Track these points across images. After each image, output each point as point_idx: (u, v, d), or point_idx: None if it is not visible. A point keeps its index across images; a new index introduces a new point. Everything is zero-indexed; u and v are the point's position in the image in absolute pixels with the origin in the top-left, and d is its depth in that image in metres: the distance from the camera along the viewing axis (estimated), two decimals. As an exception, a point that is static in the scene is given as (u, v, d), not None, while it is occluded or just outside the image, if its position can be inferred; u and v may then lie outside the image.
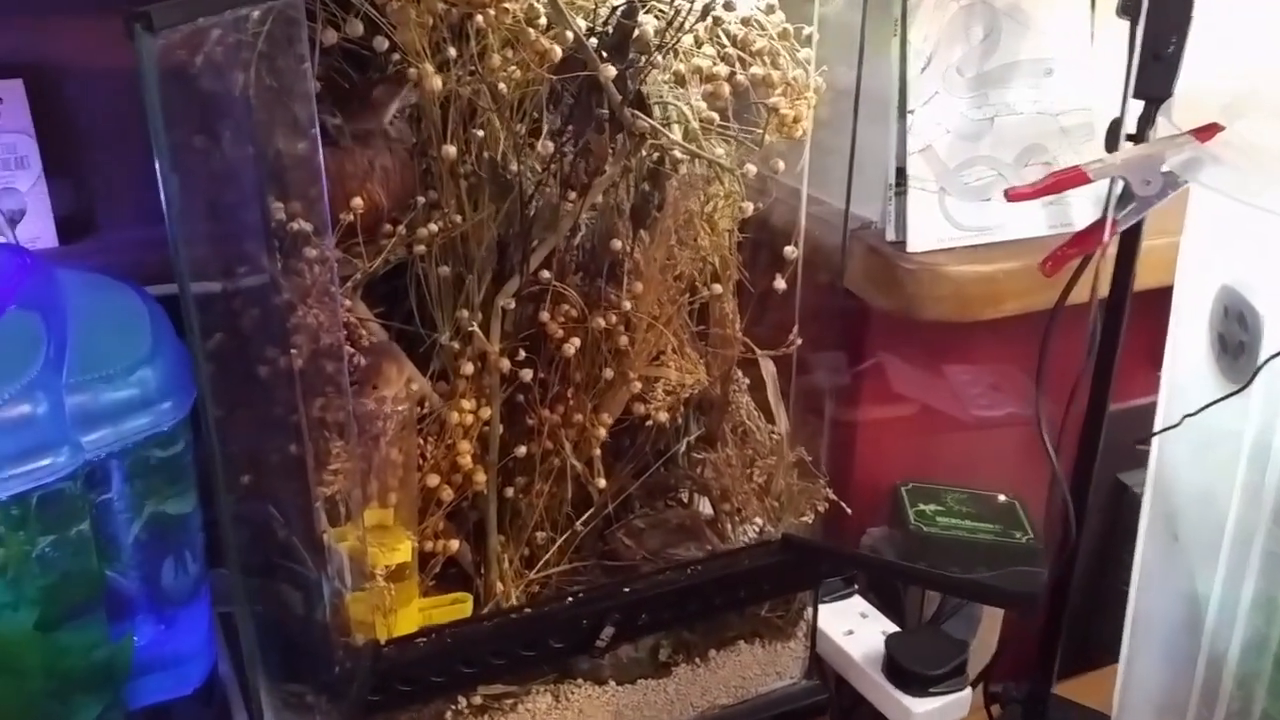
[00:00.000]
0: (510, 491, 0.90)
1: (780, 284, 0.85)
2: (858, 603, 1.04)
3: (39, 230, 1.08)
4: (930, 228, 1.01)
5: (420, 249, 0.88)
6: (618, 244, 0.82)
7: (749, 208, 0.83)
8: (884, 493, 1.23)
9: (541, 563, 0.93)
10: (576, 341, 0.84)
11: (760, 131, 0.78)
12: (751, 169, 0.81)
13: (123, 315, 0.85)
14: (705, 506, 1.06)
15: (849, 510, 0.90)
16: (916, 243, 1.01)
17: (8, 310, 0.79)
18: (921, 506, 1.18)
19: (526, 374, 0.84)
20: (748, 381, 0.96)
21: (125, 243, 1.11)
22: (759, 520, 0.95)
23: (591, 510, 0.95)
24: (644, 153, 0.81)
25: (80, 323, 0.81)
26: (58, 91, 1.07)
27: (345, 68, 0.92)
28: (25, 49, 1.05)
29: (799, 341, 0.85)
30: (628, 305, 0.84)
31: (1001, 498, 1.21)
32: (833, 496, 0.89)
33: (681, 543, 1.05)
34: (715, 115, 0.81)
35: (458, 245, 0.90)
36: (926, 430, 1.21)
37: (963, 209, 1.02)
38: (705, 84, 0.77)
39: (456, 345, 0.86)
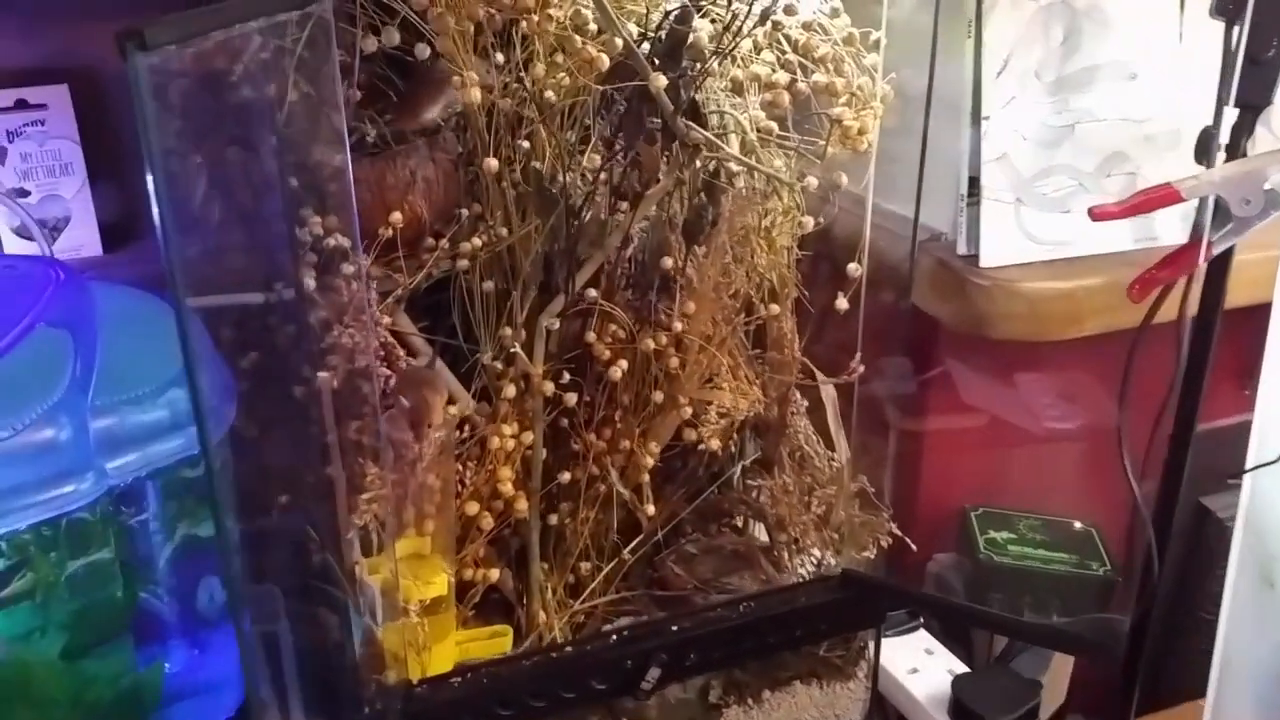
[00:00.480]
0: (554, 518, 0.85)
1: (842, 304, 0.79)
2: (923, 637, 0.98)
3: (83, 238, 1.06)
4: (1005, 241, 0.94)
5: (463, 264, 0.84)
6: (669, 261, 0.77)
7: (809, 223, 0.77)
8: (950, 516, 1.16)
9: (587, 593, 0.89)
10: (624, 364, 0.79)
11: (822, 143, 0.72)
12: (812, 182, 0.76)
13: (156, 331, 0.81)
14: (760, 532, 1.00)
15: (914, 547, 0.84)
16: (990, 257, 0.94)
17: (37, 327, 0.76)
18: (992, 533, 1.11)
19: (571, 398, 0.79)
20: (806, 403, 0.91)
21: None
22: (817, 551, 0.89)
23: (640, 538, 0.90)
24: (698, 165, 0.76)
25: (111, 340, 0.78)
26: (103, 97, 1.04)
27: (389, 74, 0.88)
28: (69, 53, 1.02)
29: (860, 369, 0.79)
30: (679, 326, 0.78)
31: (1078, 524, 1.14)
32: (896, 531, 0.83)
33: (735, 571, 0.99)
34: (774, 125, 0.76)
35: (502, 259, 0.86)
36: (997, 452, 1.14)
37: (1040, 221, 0.95)
38: (764, 92, 0.71)
39: (499, 365, 0.82)
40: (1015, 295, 0.93)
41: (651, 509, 0.86)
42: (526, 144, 0.78)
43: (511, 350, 0.77)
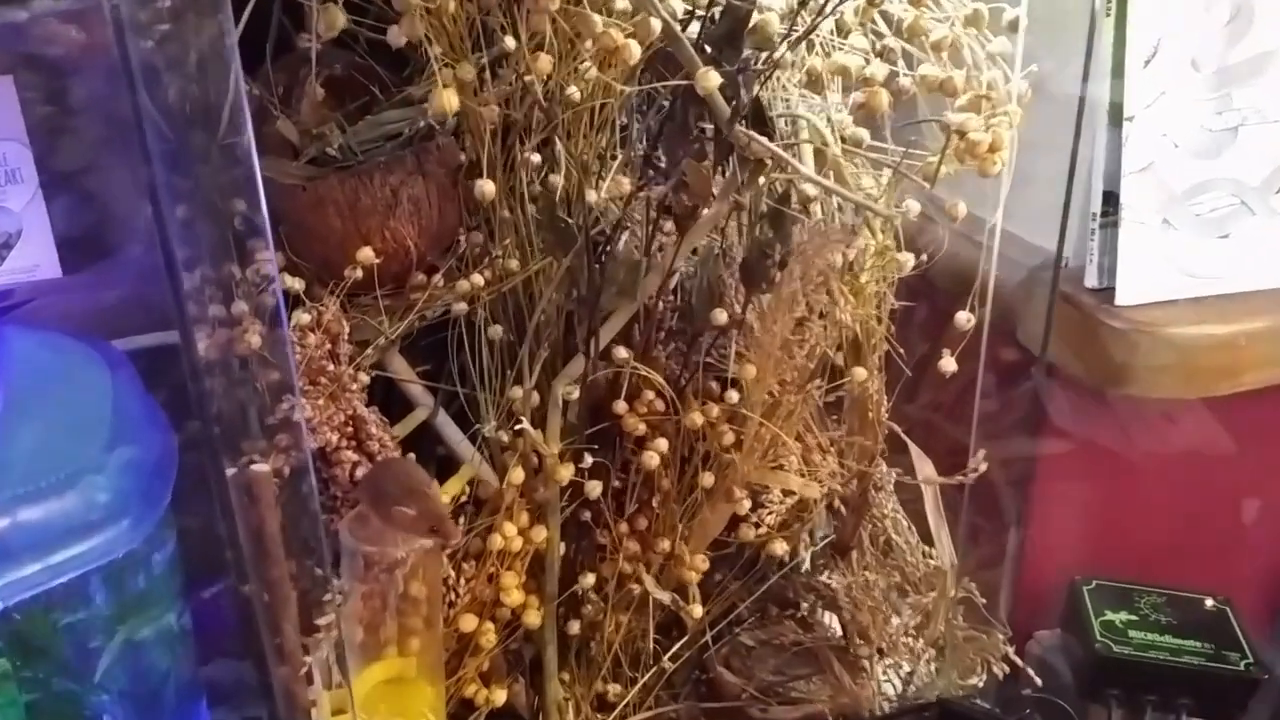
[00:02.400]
0: (575, 625, 0.66)
1: (949, 365, 0.59)
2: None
3: (37, 257, 0.87)
4: (1148, 273, 0.73)
5: (462, 306, 0.64)
6: (723, 315, 0.56)
7: (907, 263, 0.57)
8: (1053, 586, 0.95)
9: (618, 712, 0.70)
10: (663, 444, 0.59)
11: (931, 158, 0.52)
12: (914, 208, 0.55)
13: (75, 398, 0.63)
14: (833, 623, 0.80)
15: (1037, 679, 0.64)
16: (1130, 293, 0.73)
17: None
18: (1109, 614, 0.90)
19: (594, 488, 0.59)
20: (895, 475, 0.70)
21: (142, 269, 0.90)
22: (906, 664, 0.69)
23: (684, 640, 0.70)
24: (761, 185, 0.56)
25: (14, 413, 0.59)
26: (57, 90, 0.86)
27: (372, 63, 0.69)
28: (14, 38, 0.84)
29: (982, 466, 0.59)
30: (734, 396, 0.58)
31: (1209, 602, 0.92)
32: (1015, 659, 0.63)
33: (801, 673, 0.80)
34: (864, 134, 0.55)
35: (516, 299, 0.66)
36: (1113, 515, 0.92)
37: (1193, 248, 0.74)
38: (852, 90, 0.51)
39: (504, 437, 0.62)
40: (1162, 342, 0.72)
41: (699, 610, 0.67)
42: (537, 157, 0.58)
43: (517, 426, 0.57)
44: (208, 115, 0.52)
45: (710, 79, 0.47)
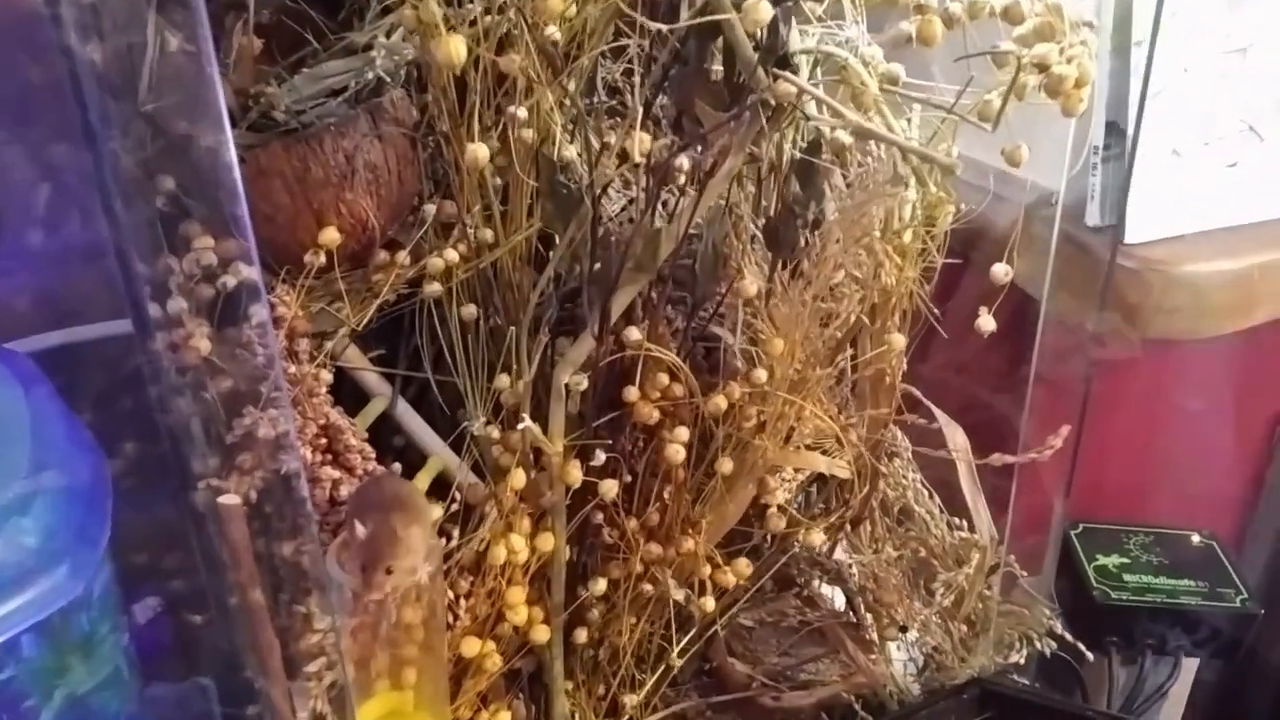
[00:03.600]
0: (583, 634, 0.59)
1: (988, 323, 0.52)
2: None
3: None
4: (1158, 209, 0.68)
5: (434, 288, 0.55)
6: (752, 286, 0.49)
7: (948, 216, 0.50)
8: (1037, 530, 0.91)
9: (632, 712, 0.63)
10: (683, 434, 0.52)
11: (993, 96, 0.44)
12: (953, 158, 0.48)
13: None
14: (838, 598, 0.75)
15: (1088, 655, 0.59)
16: (1139, 230, 0.68)
17: None
18: (1100, 559, 0.86)
19: (610, 487, 0.52)
20: (904, 442, 0.64)
21: (42, 258, 0.78)
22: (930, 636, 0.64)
23: (691, 634, 0.63)
24: (787, 135, 0.48)
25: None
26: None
27: (304, 7, 0.58)
28: None
29: (1064, 433, 0.53)
30: (762, 376, 0.51)
31: (1196, 538, 0.90)
32: (1065, 634, 0.58)
33: (809, 654, 0.74)
34: (899, 71, 0.48)
35: (493, 277, 0.57)
36: (1103, 457, 0.88)
37: (1201, 179, 0.69)
38: (912, 16, 0.43)
39: (495, 433, 0.54)
40: (1175, 281, 0.67)
41: (711, 603, 0.60)
42: (523, 112, 0.49)
43: (520, 424, 0.49)
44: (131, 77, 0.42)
45: (763, 10, 0.39)
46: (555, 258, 0.47)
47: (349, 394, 0.64)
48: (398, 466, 0.53)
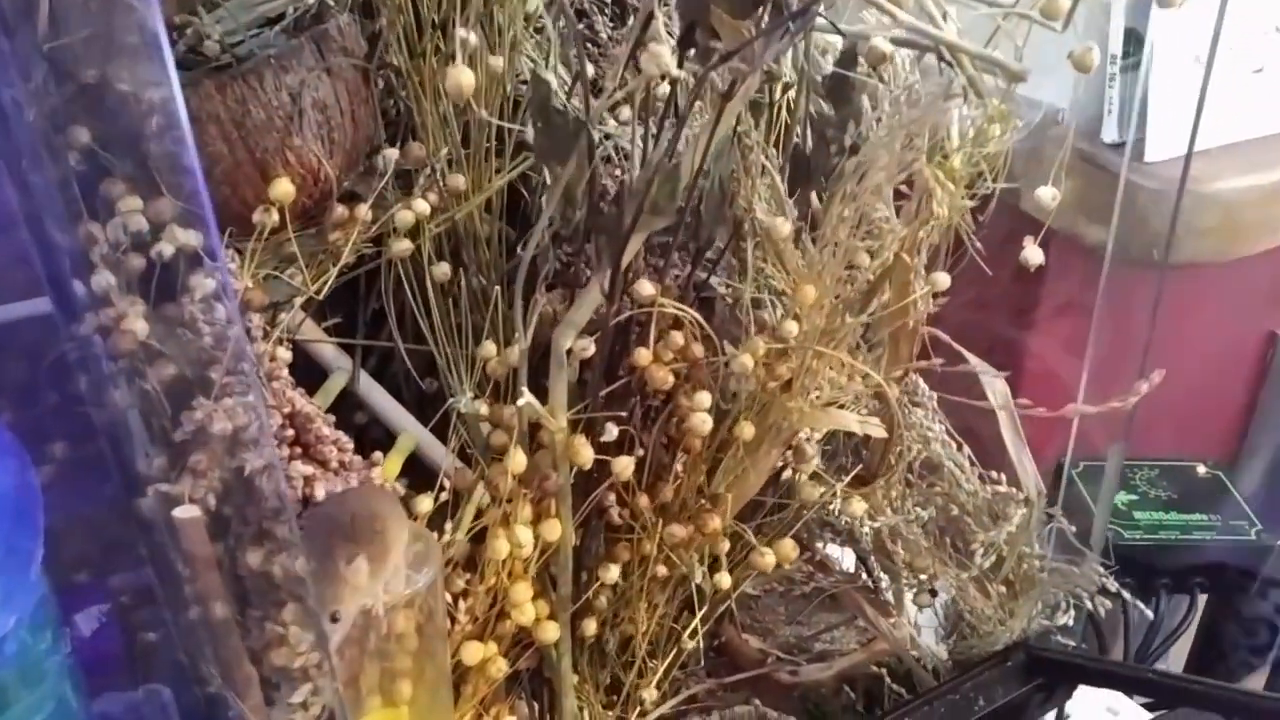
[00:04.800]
0: (591, 625, 0.52)
1: (1035, 254, 0.46)
2: (1102, 694, 0.68)
3: None
4: (1180, 121, 0.62)
5: (403, 246, 0.47)
6: (785, 226, 0.42)
7: (1007, 134, 0.43)
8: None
9: (641, 706, 0.56)
10: (705, 400, 0.45)
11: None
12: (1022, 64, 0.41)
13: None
14: (847, 560, 0.69)
15: (1149, 613, 0.54)
16: (1161, 146, 0.62)
17: None
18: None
19: (625, 467, 0.45)
20: (924, 388, 0.58)
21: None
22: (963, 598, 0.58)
23: (703, 612, 0.57)
24: (817, 46, 0.41)
25: None
26: None
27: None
28: None
29: (1156, 378, 0.47)
30: (793, 329, 0.44)
31: (1201, 469, 0.86)
32: (1119, 588, 0.53)
33: (822, 622, 0.68)
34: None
35: (464, 231, 0.50)
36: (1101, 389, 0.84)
37: (1225, 88, 0.63)
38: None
39: (484, 409, 0.47)
40: (1205, 201, 0.61)
41: (728, 580, 0.53)
42: (474, 38, 0.41)
43: (520, 399, 0.42)
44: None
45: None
46: (550, 201, 0.40)
47: (301, 370, 0.57)
48: (378, 456, 0.45)
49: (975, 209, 0.44)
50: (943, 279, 0.45)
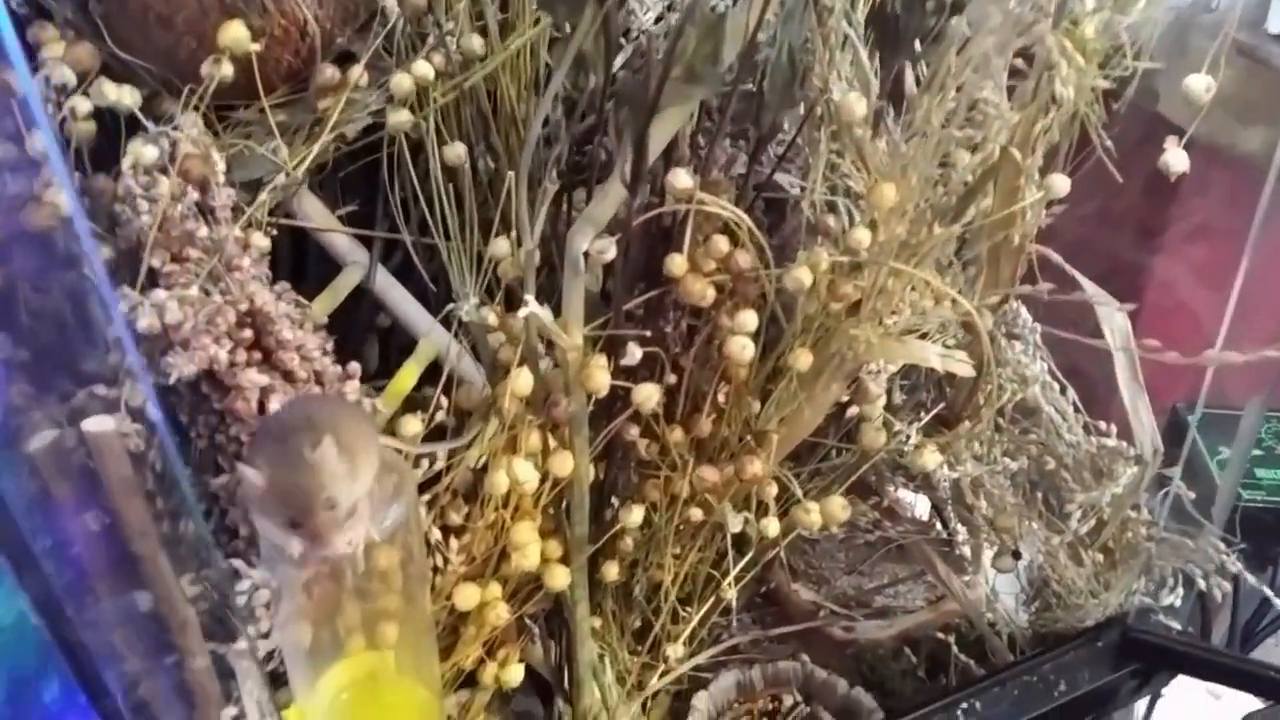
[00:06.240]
0: (614, 571, 0.45)
1: (1178, 160, 0.36)
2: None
3: None
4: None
5: (401, 117, 0.39)
6: (859, 104, 0.33)
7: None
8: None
9: (666, 663, 0.49)
10: (750, 322, 0.36)
11: None
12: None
13: None
14: (920, 507, 0.61)
15: (1276, 600, 0.45)
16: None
17: None
18: (1226, 453, 0.71)
19: (649, 396, 0.37)
20: (1025, 317, 0.48)
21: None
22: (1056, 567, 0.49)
23: (747, 558, 0.49)
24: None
25: None
26: None
27: None
28: None
29: None
30: (864, 238, 0.36)
31: (1335, 419, 0.74)
32: (1238, 567, 0.44)
33: (889, 577, 0.60)
34: None
35: (486, 105, 0.41)
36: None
37: None
38: None
39: (492, 317, 0.39)
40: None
41: (775, 526, 0.45)
42: None
43: (521, 311, 0.34)
44: None
45: None
46: (560, 67, 0.31)
47: (314, 262, 0.50)
48: (356, 367, 0.38)
49: (1108, 96, 0.34)
50: (1061, 183, 0.36)
